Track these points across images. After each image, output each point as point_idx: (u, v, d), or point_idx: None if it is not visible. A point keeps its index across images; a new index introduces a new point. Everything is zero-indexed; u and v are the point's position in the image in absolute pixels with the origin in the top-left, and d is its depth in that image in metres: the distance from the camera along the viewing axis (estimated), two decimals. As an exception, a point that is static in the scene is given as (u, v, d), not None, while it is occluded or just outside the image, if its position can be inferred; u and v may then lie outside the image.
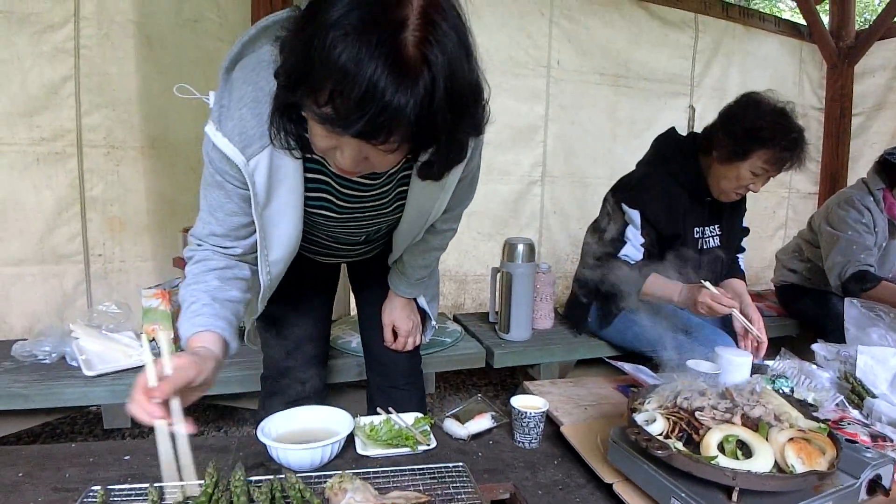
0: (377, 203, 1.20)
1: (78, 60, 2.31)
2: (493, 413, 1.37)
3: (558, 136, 3.28)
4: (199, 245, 1.13)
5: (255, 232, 1.13)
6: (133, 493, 1.00)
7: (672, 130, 2.23)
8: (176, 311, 1.90)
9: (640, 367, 1.59)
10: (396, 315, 1.54)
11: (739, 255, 2.34)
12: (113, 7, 2.34)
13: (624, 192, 2.10)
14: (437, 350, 2.14)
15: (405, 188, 1.19)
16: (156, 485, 0.97)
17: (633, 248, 2.03)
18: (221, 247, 1.12)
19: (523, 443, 1.27)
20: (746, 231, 2.36)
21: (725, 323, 2.07)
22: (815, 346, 1.76)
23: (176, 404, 0.90)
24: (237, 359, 1.97)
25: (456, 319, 2.61)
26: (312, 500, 0.96)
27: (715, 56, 3.62)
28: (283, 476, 1.02)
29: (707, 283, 1.86)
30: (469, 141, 0.92)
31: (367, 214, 1.23)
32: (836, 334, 1.89)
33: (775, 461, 0.94)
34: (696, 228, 2.12)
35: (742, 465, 0.92)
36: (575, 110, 3.29)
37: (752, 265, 3.69)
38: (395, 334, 1.56)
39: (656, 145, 2.22)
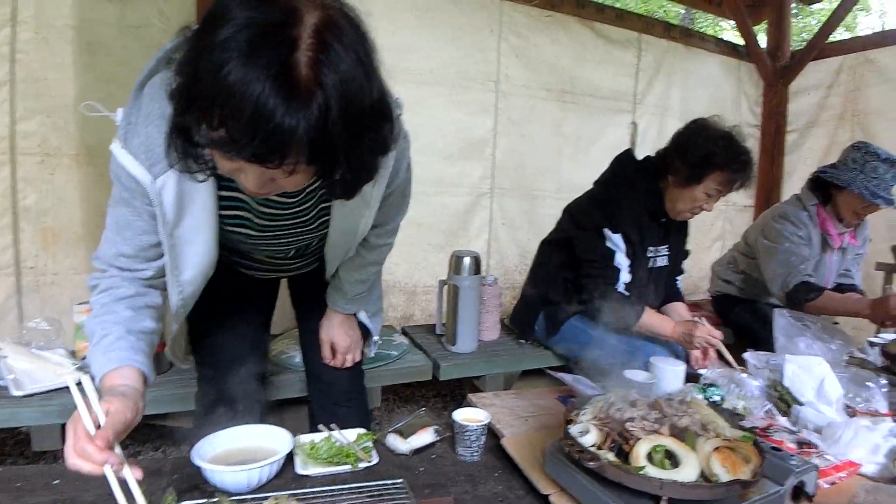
0: (299, 220, 1.19)
1: (14, 65, 2.21)
2: (436, 427, 1.37)
3: (507, 150, 3.33)
4: (104, 271, 1.07)
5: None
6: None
7: (630, 152, 2.33)
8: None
9: (580, 377, 1.63)
10: (335, 332, 1.52)
11: (678, 278, 2.44)
12: (52, 12, 2.26)
13: (601, 214, 2.16)
14: (383, 364, 2.13)
15: (329, 204, 1.18)
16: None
17: (625, 272, 2.13)
18: (130, 270, 1.07)
19: (465, 456, 1.28)
20: (688, 253, 2.46)
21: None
22: (745, 355, 1.82)
23: (119, 449, 0.86)
24: (172, 377, 1.92)
25: (404, 332, 2.61)
26: (246, 522, 0.94)
27: (657, 74, 3.76)
28: (216, 500, 1.00)
29: (703, 321, 2.02)
30: (378, 159, 0.89)
31: (289, 231, 1.21)
32: (768, 343, 1.97)
33: (701, 470, 0.98)
34: (651, 248, 2.22)
35: (669, 474, 0.96)
36: (523, 124, 3.36)
37: (692, 275, 3.83)
38: (335, 351, 1.55)
39: (617, 165, 2.30)
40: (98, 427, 0.85)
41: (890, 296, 2.29)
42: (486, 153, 3.29)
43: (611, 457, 1.01)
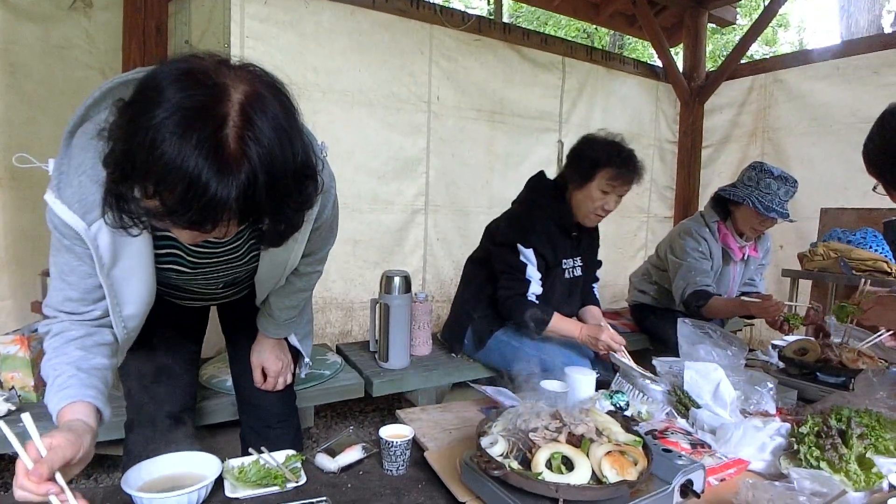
0: (230, 257, 1.24)
1: (-66, 88, 2.18)
2: (364, 444, 1.43)
3: (439, 168, 3.46)
4: (54, 317, 1.10)
5: None
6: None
7: (542, 174, 2.50)
8: (36, 357, 1.83)
9: (501, 389, 1.73)
10: (266, 356, 1.56)
11: (594, 285, 2.62)
12: (-27, 34, 2.24)
13: (514, 231, 2.31)
14: (316, 383, 2.17)
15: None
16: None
17: (536, 284, 2.28)
18: (78, 313, 1.10)
19: (391, 470, 1.34)
20: (600, 263, 2.66)
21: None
22: (654, 361, 1.97)
23: (62, 480, 0.89)
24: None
25: (338, 350, 2.66)
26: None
27: (580, 95, 3.98)
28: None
29: (606, 324, 2.18)
30: (303, 214, 0.96)
31: (220, 268, 1.26)
32: (677, 348, 2.15)
33: (593, 473, 1.09)
34: (565, 260, 2.38)
35: (563, 478, 1.06)
36: (455, 143, 3.49)
37: (618, 283, 4.05)
38: (266, 375, 1.58)
39: (529, 187, 2.47)
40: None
41: None
42: (419, 171, 3.40)
43: (514, 464, 1.11)
